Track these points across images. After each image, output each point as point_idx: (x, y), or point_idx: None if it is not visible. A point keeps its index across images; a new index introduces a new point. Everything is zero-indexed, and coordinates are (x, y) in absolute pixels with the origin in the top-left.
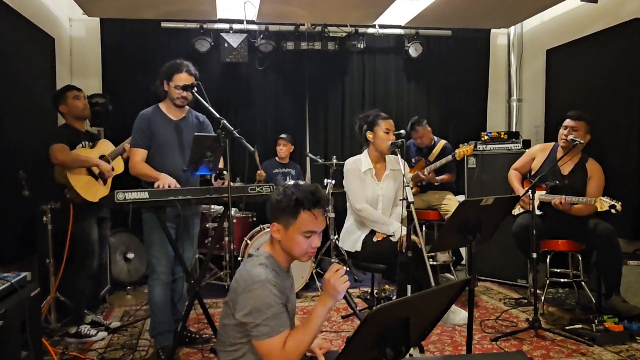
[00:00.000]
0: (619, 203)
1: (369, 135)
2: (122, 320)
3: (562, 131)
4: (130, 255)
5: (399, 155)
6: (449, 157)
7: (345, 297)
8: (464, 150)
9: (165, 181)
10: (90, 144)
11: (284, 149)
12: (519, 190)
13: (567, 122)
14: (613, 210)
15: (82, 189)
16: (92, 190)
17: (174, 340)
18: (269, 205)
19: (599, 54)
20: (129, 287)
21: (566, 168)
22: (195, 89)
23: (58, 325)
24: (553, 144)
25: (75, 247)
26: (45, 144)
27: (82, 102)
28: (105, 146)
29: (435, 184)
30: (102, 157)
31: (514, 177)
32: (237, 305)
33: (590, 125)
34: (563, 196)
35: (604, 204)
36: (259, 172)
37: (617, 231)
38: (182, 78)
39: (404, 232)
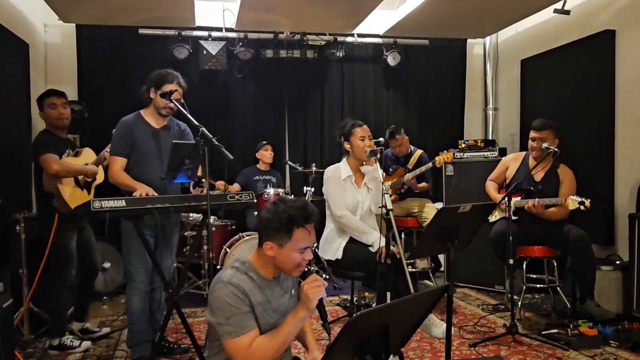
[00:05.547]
0: (588, 200)
1: (346, 145)
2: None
3: (530, 143)
4: (107, 265)
5: (377, 163)
6: (429, 165)
7: (318, 307)
8: (444, 157)
9: (143, 190)
10: (73, 152)
11: (265, 154)
12: (497, 198)
13: (533, 134)
14: (582, 207)
15: (70, 198)
16: (79, 200)
17: (152, 351)
18: (260, 225)
19: (572, 63)
20: (105, 297)
21: (539, 175)
22: (173, 95)
23: (31, 337)
24: (525, 152)
25: (52, 257)
26: (35, 154)
27: (58, 110)
28: (89, 155)
29: (416, 190)
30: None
31: (491, 187)
32: (208, 305)
33: (556, 129)
34: (536, 199)
35: (573, 202)
36: (218, 182)
37: (590, 237)
38: (171, 89)
39: (383, 242)
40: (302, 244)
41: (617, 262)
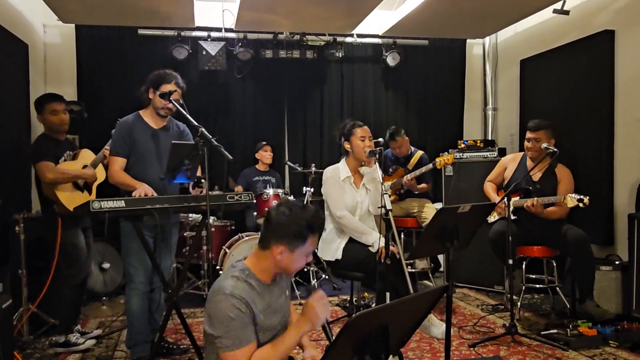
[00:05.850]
0: (587, 197)
1: (347, 145)
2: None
3: (526, 143)
4: (106, 265)
5: (376, 164)
6: (430, 166)
7: (323, 326)
8: (444, 159)
9: (142, 190)
10: (72, 154)
11: (265, 155)
12: (496, 199)
13: (529, 134)
14: (581, 204)
15: (67, 202)
16: (77, 201)
17: (151, 351)
18: (272, 228)
19: (571, 63)
20: (104, 298)
21: (537, 175)
22: (172, 96)
23: (31, 338)
24: (522, 153)
25: (61, 257)
26: (33, 160)
27: (59, 117)
28: (87, 156)
29: (416, 192)
30: (84, 167)
31: (489, 188)
32: (205, 314)
33: (551, 129)
34: (535, 198)
35: (572, 199)
36: (237, 187)
37: (589, 237)
38: (170, 89)
39: (382, 242)
40: (311, 249)
41: (617, 262)
